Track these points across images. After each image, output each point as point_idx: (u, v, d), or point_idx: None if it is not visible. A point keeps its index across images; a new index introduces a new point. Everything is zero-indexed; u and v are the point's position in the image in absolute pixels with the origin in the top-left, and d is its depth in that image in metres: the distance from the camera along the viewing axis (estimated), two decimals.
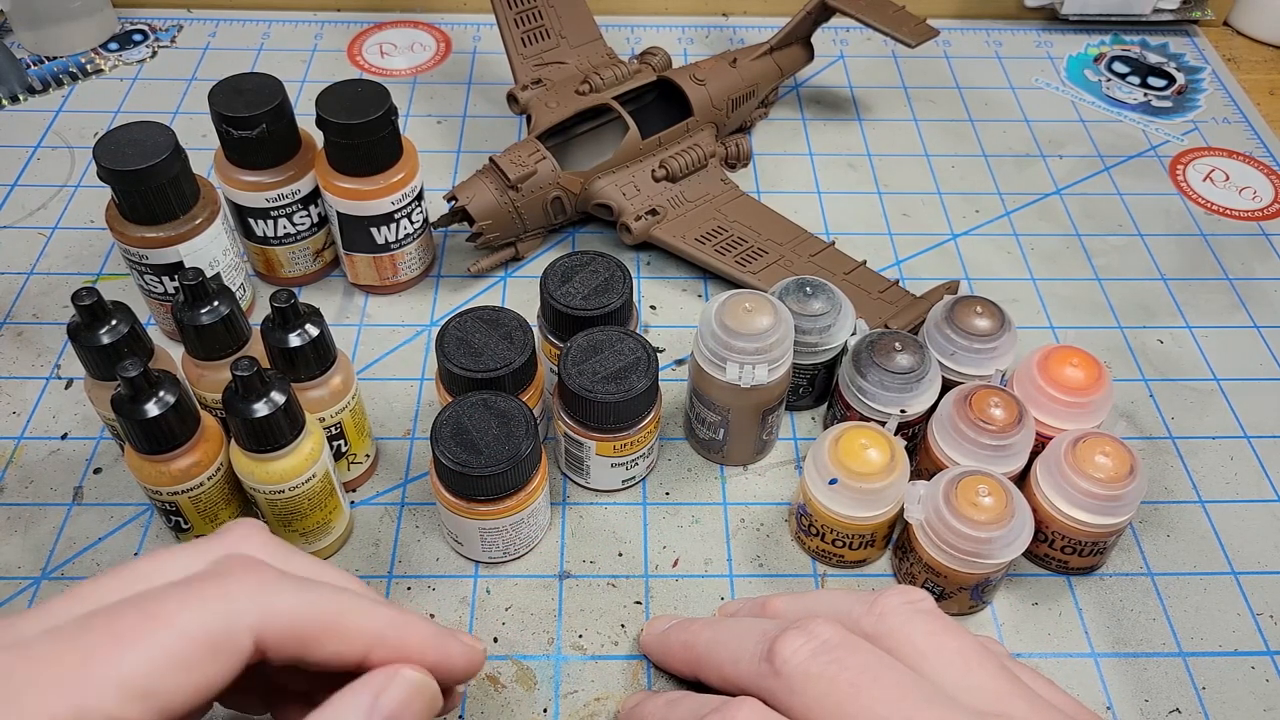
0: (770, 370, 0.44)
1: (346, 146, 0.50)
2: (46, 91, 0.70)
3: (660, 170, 0.59)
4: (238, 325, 0.42)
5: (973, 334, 0.47)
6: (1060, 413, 0.46)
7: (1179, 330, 0.57)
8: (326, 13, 0.77)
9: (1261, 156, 0.68)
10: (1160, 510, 0.49)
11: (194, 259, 0.49)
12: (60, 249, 0.59)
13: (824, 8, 0.64)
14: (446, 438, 0.41)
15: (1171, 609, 0.45)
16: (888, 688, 0.31)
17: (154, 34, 0.75)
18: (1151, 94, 0.73)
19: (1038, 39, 0.77)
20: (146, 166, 0.45)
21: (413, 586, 0.45)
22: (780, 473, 0.50)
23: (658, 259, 0.59)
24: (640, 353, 0.44)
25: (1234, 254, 0.61)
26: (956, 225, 0.62)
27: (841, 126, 0.69)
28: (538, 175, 0.56)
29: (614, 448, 0.45)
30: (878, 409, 0.46)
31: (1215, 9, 0.78)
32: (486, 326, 0.45)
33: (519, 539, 0.44)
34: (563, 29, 0.65)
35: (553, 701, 0.41)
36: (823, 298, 0.48)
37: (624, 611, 0.44)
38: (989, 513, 0.40)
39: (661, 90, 0.63)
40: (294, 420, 0.40)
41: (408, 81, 0.72)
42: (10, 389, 0.52)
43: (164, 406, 0.38)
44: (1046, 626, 0.44)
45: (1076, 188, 0.65)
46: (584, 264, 0.48)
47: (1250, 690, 0.43)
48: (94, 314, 0.40)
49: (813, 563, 0.46)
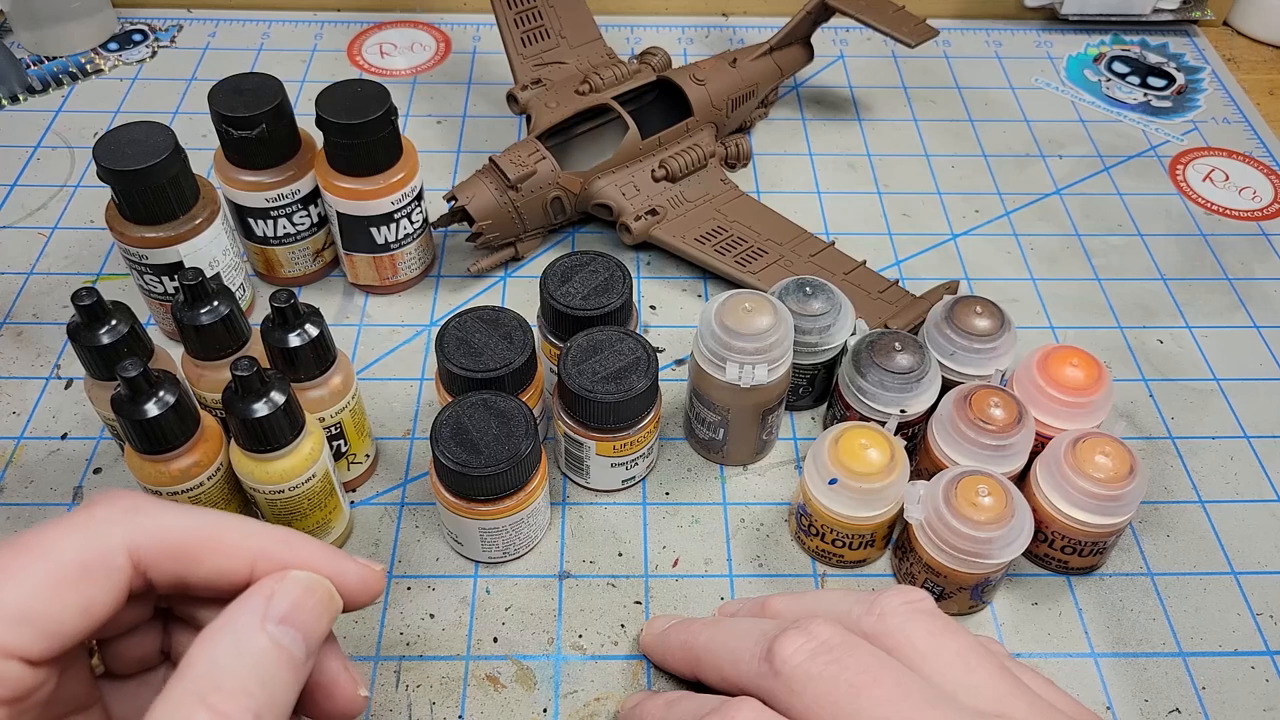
0: (770, 370, 0.44)
1: (346, 146, 0.50)
2: (46, 91, 0.70)
3: (660, 170, 0.59)
4: (238, 325, 0.42)
5: (973, 334, 0.47)
6: (1060, 413, 0.46)
7: (1179, 330, 0.57)
8: (326, 13, 0.77)
9: (1261, 156, 0.68)
10: (1160, 510, 0.49)
11: (194, 259, 0.49)
12: (60, 249, 0.59)
13: (824, 8, 0.64)
14: (446, 438, 0.41)
15: (1171, 609, 0.45)
16: (887, 688, 0.31)
17: (154, 34, 0.75)
18: (1151, 94, 0.73)
19: (1038, 39, 0.77)
20: (146, 166, 0.45)
21: (413, 586, 0.45)
22: (780, 473, 0.50)
23: (658, 259, 0.59)
24: (640, 353, 0.44)
25: (1234, 254, 0.61)
26: (956, 225, 0.62)
27: (841, 126, 0.69)
28: (538, 175, 0.56)
29: (614, 448, 0.45)
30: (878, 409, 0.46)
31: (1215, 9, 0.78)
32: (486, 326, 0.45)
33: (519, 539, 0.44)
34: (563, 29, 0.65)
35: (552, 701, 0.41)
36: (823, 298, 0.48)
37: (624, 611, 0.44)
38: (989, 513, 0.40)
39: (661, 90, 0.63)
40: (294, 420, 0.40)
41: (408, 81, 0.72)
42: (10, 389, 0.52)
43: (164, 406, 0.38)
44: (1046, 626, 0.44)
45: (1076, 188, 0.65)
46: (584, 264, 0.48)
47: (1250, 690, 0.43)
48: (94, 314, 0.40)
49: (813, 563, 0.46)
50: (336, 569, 0.30)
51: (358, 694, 0.31)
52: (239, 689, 0.26)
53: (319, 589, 0.29)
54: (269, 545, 0.29)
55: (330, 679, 0.30)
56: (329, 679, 0.30)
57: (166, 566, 0.28)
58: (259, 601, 0.28)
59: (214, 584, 0.29)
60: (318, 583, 0.29)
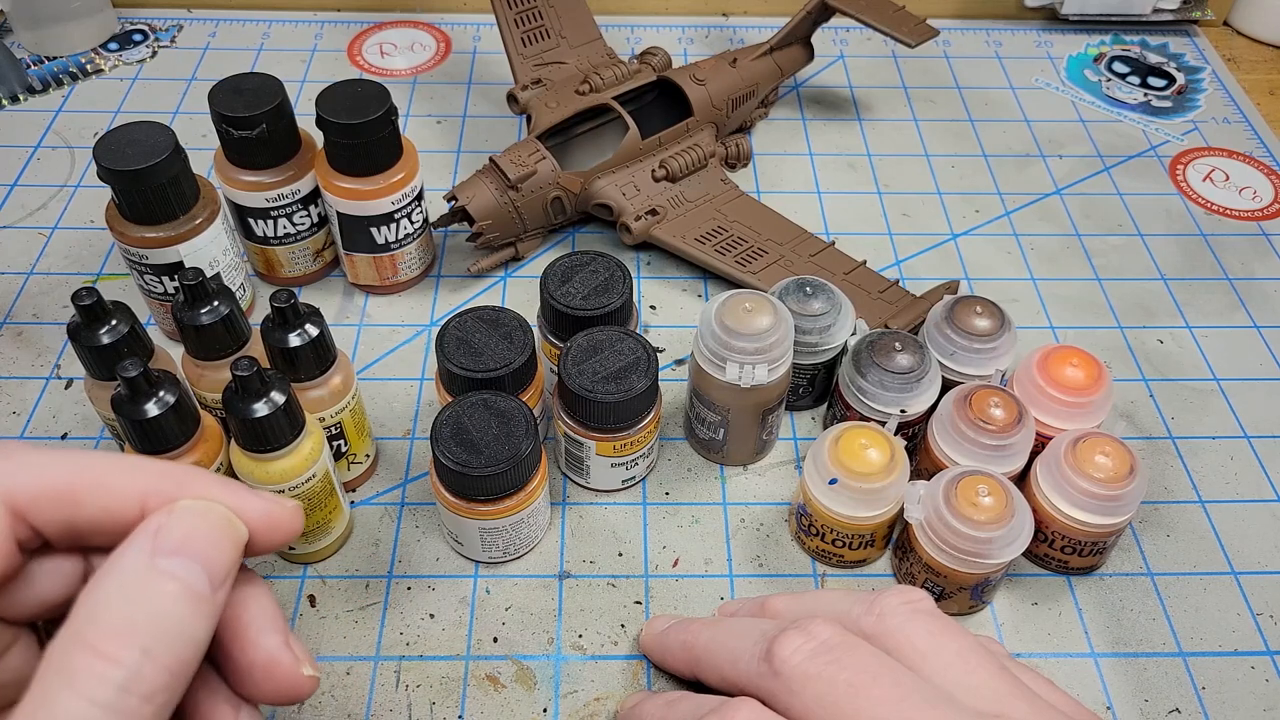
0: (770, 370, 0.44)
1: (346, 146, 0.50)
2: (46, 91, 0.70)
3: (660, 170, 0.59)
4: (238, 325, 0.42)
5: (973, 334, 0.47)
6: (1060, 413, 0.46)
7: (1179, 330, 0.57)
8: (326, 13, 0.77)
9: (1261, 156, 0.68)
10: (1160, 510, 0.49)
11: (194, 259, 0.49)
12: (60, 249, 0.59)
13: (824, 8, 0.64)
14: (446, 438, 0.41)
15: (1171, 609, 0.45)
16: (887, 688, 0.31)
17: (154, 34, 0.75)
18: (1151, 94, 0.73)
19: (1038, 39, 0.77)
20: (146, 166, 0.45)
21: (413, 586, 0.45)
22: (780, 473, 0.50)
23: (658, 259, 0.59)
24: (640, 353, 0.44)
25: (1234, 254, 0.61)
26: (956, 225, 0.62)
27: (841, 126, 0.69)
28: (538, 175, 0.56)
29: (614, 448, 0.45)
30: (878, 409, 0.46)
31: (1215, 9, 0.78)
32: (486, 326, 0.45)
33: (519, 539, 0.44)
34: (563, 29, 0.65)
35: (552, 701, 0.41)
36: (823, 298, 0.48)
37: (624, 611, 0.44)
38: (989, 513, 0.40)
39: (661, 90, 0.63)
40: (294, 420, 0.40)
41: (408, 81, 0.72)
42: (10, 389, 0.52)
43: (164, 406, 0.38)
44: (1046, 626, 0.44)
45: (1076, 188, 0.65)
46: (584, 264, 0.48)
47: (1250, 690, 0.43)
48: (94, 314, 0.40)
49: (812, 563, 0.46)
50: (237, 501, 0.28)
51: (300, 672, 0.28)
52: (123, 625, 0.24)
53: (213, 514, 0.27)
54: (158, 482, 0.27)
55: (268, 656, 0.28)
56: (267, 656, 0.28)
57: (50, 513, 0.27)
58: (145, 536, 0.26)
59: (104, 527, 0.27)
60: (211, 509, 0.27)
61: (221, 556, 0.26)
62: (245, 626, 0.28)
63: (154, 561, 0.25)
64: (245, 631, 0.28)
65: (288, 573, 0.45)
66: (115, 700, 0.23)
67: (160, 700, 0.24)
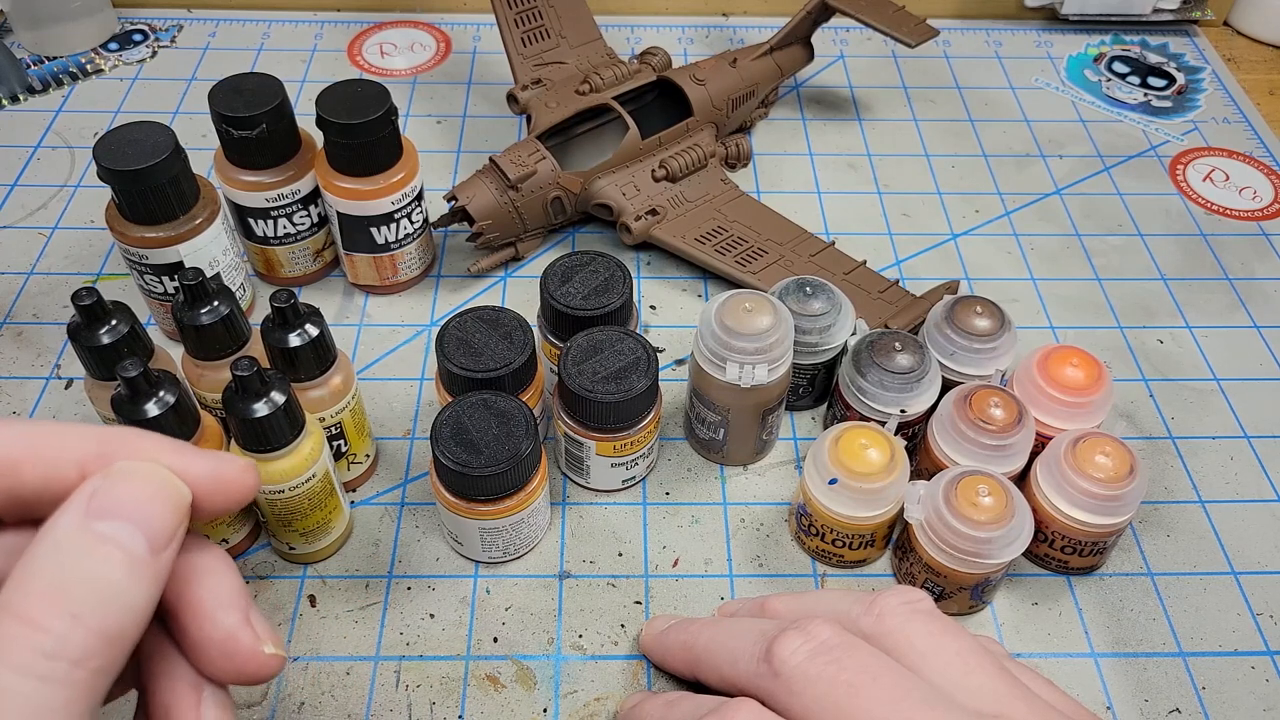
0: (770, 370, 0.44)
1: (346, 146, 0.50)
2: (46, 91, 0.70)
3: (660, 170, 0.59)
4: (238, 325, 0.42)
5: (973, 334, 0.47)
6: (1060, 413, 0.46)
7: (1179, 330, 0.57)
8: (326, 13, 0.77)
9: (1261, 156, 0.68)
10: (1160, 510, 0.49)
11: (194, 259, 0.49)
12: (60, 249, 0.59)
13: (824, 8, 0.64)
14: (446, 438, 0.41)
15: (1171, 609, 0.45)
16: (886, 688, 0.31)
17: (154, 34, 0.75)
18: (1151, 94, 0.73)
19: (1038, 39, 0.77)
20: (146, 166, 0.45)
21: (413, 586, 0.45)
22: (780, 473, 0.50)
23: (658, 259, 0.59)
24: (640, 353, 0.44)
25: (1234, 254, 0.61)
26: (956, 225, 0.62)
27: (841, 126, 0.69)
28: (538, 175, 0.56)
29: (614, 448, 0.45)
30: (878, 409, 0.46)
31: (1215, 9, 0.78)
32: (486, 326, 0.45)
33: (519, 539, 0.44)
34: (563, 29, 0.65)
35: (552, 701, 0.41)
36: (823, 298, 0.48)
37: (624, 611, 0.44)
38: (989, 513, 0.40)
39: (661, 90, 0.63)
40: (294, 420, 0.40)
41: (408, 81, 0.72)
42: (10, 389, 0.52)
43: (164, 406, 0.38)
44: (1046, 626, 0.44)
45: (1076, 188, 0.65)
46: (584, 264, 0.48)
47: (1250, 690, 0.43)
48: (94, 314, 0.40)
49: (812, 563, 0.46)
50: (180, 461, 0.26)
51: (261, 651, 0.27)
52: (52, 591, 0.23)
53: (152, 475, 0.26)
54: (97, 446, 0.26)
55: (226, 633, 0.26)
56: (224, 633, 0.26)
57: None
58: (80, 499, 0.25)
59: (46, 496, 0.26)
60: (150, 469, 0.26)
61: (161, 519, 0.25)
62: (201, 602, 0.27)
63: (87, 524, 0.24)
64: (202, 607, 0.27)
65: (288, 573, 0.45)
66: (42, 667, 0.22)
67: (94, 665, 0.23)
